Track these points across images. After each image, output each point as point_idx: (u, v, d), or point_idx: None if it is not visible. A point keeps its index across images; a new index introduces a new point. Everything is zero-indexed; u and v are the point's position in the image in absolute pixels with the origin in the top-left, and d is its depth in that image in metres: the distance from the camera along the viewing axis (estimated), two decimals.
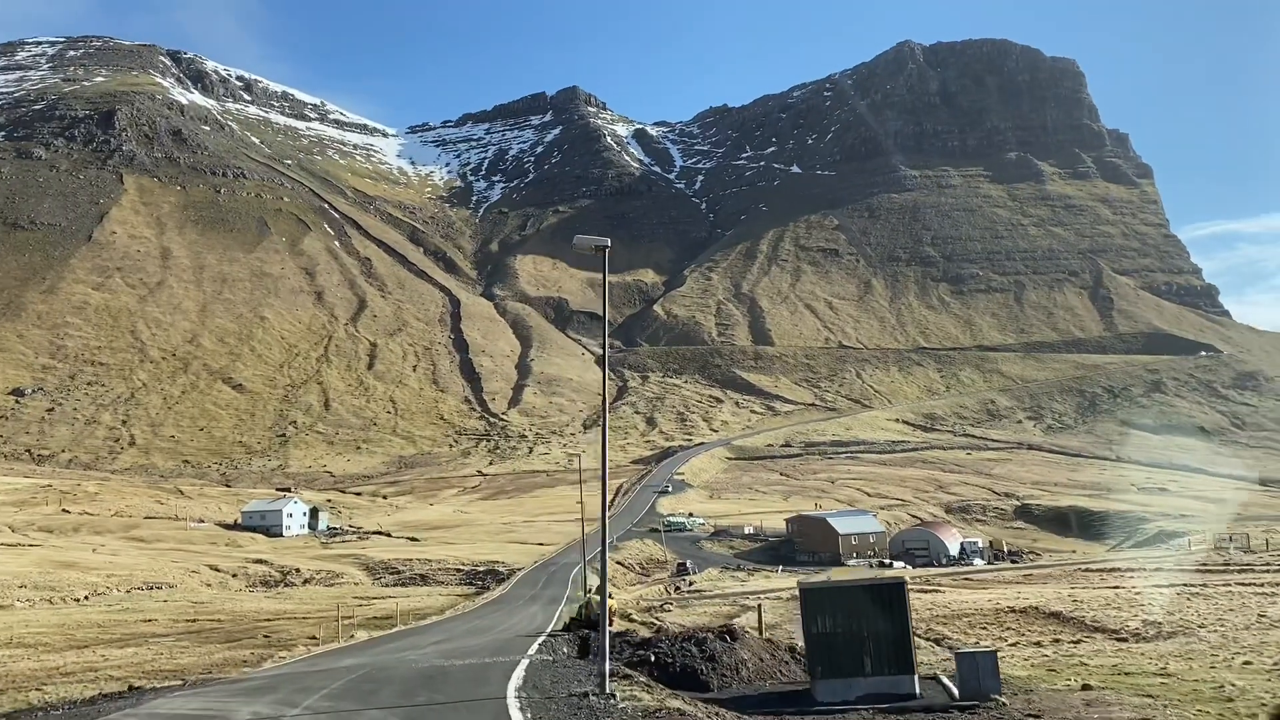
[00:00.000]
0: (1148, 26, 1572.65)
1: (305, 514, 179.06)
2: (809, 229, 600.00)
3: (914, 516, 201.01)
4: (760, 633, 29.88)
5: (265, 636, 50.71)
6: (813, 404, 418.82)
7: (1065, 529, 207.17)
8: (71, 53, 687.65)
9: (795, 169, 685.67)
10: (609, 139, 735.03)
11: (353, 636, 45.50)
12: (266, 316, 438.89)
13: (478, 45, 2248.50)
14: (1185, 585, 50.06)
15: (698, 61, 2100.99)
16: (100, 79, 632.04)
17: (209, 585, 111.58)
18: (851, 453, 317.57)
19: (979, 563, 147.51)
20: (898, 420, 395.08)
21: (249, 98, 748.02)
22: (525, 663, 32.09)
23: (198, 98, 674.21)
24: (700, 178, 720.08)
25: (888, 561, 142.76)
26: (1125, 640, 32.27)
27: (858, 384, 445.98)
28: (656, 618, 49.58)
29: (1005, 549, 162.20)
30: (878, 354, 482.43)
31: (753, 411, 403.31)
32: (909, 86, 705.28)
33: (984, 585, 78.20)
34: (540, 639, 41.59)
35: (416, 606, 77.67)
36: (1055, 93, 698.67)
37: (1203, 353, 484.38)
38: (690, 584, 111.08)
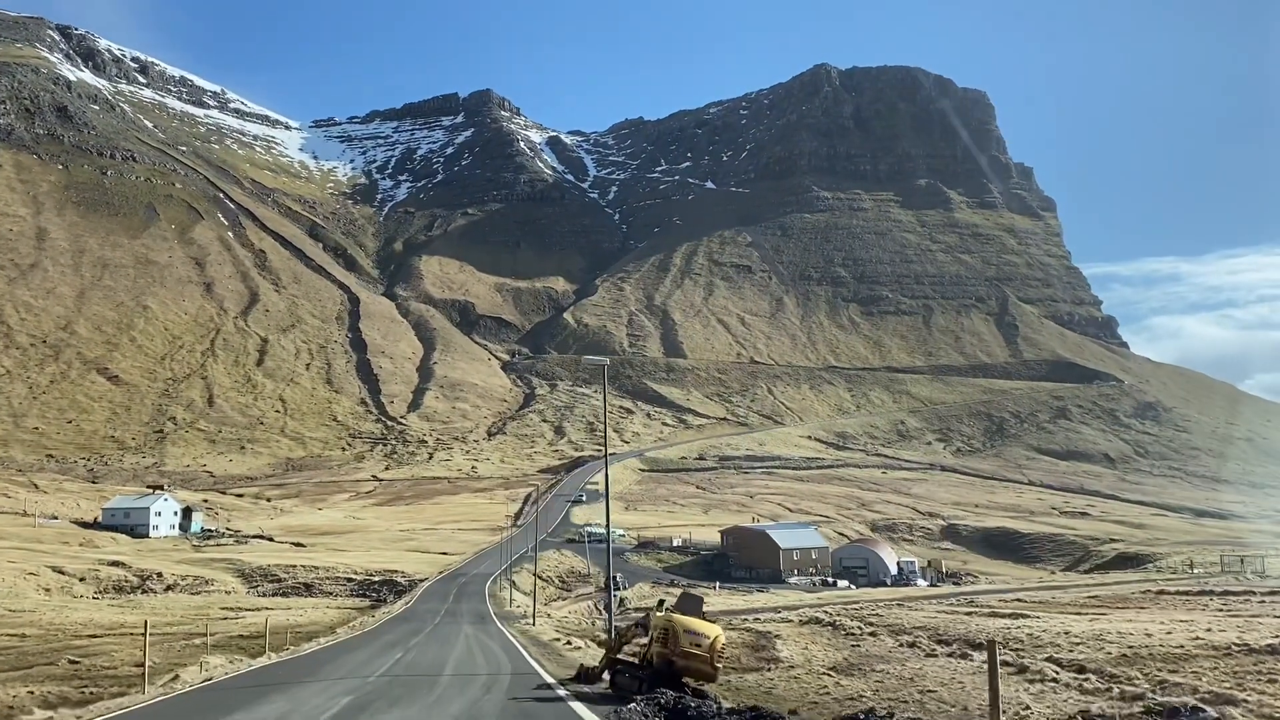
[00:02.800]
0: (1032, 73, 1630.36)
1: (176, 513, 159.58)
2: (723, 244, 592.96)
3: (841, 534, 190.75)
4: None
5: (71, 663, 34.97)
6: (725, 418, 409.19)
7: (994, 551, 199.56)
8: None
9: (710, 184, 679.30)
10: (522, 144, 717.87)
11: (178, 676, 29.80)
12: (150, 306, 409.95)
13: (389, 43, 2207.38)
14: None
15: (614, 73, 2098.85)
16: None
17: (46, 590, 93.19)
18: (767, 468, 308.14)
19: (922, 583, 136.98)
20: (810, 437, 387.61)
21: (144, 80, 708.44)
22: None
23: (88, 76, 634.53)
24: (614, 188, 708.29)
25: (831, 580, 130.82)
26: None
27: (769, 400, 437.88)
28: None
29: (944, 570, 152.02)
30: (789, 371, 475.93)
31: (664, 424, 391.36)
32: (824, 109, 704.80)
33: (1049, 609, 63.44)
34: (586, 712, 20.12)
35: (298, 622, 61.95)
36: (965, 122, 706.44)
37: (1107, 381, 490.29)
38: (621, 601, 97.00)
